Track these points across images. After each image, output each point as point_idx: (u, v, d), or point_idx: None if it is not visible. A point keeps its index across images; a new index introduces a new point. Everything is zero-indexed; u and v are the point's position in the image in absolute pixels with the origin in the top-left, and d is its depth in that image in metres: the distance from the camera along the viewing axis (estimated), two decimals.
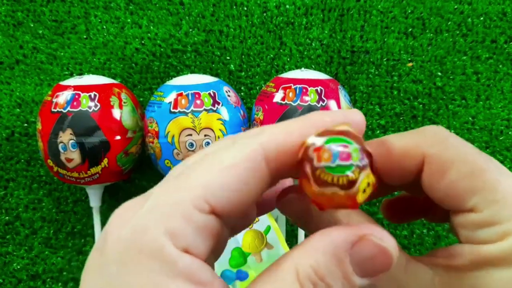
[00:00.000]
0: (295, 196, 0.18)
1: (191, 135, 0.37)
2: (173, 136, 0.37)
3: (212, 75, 0.42)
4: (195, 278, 0.14)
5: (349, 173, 0.14)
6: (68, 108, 0.37)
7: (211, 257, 0.16)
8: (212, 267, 0.15)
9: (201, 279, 0.14)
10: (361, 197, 0.14)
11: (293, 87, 0.38)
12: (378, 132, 0.44)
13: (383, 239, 0.14)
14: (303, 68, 0.42)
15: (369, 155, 0.14)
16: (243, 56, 0.46)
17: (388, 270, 0.14)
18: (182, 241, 0.14)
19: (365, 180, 0.14)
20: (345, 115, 0.16)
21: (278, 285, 0.14)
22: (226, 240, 0.16)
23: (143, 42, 0.46)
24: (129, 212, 0.14)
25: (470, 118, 0.44)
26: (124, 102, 0.39)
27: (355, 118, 0.16)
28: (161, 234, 0.13)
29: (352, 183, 0.14)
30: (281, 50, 0.46)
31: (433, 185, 0.17)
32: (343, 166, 0.14)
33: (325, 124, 0.15)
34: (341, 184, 0.14)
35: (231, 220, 0.15)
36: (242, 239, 0.38)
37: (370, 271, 0.14)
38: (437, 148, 0.17)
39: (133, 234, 0.14)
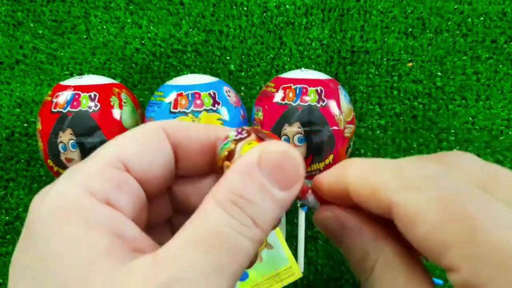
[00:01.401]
0: (330, 215, 0.18)
1: None
2: None
3: (212, 75, 0.42)
4: (116, 229, 0.14)
5: (225, 147, 0.17)
6: (68, 108, 0.37)
7: (139, 220, 0.16)
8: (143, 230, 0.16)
9: (122, 232, 0.14)
10: None
11: (293, 87, 0.38)
12: (378, 132, 0.45)
13: (285, 147, 0.15)
14: (303, 68, 0.42)
15: (248, 132, 0.17)
16: (243, 56, 0.46)
17: (300, 178, 0.15)
18: (102, 194, 0.14)
19: (246, 146, 0.16)
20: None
21: (201, 219, 0.14)
22: (146, 207, 0.17)
23: (143, 42, 0.46)
24: (48, 188, 0.15)
25: (470, 118, 0.44)
26: (124, 102, 0.39)
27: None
28: (81, 191, 0.14)
29: (231, 154, 0.17)
30: (281, 50, 0.46)
31: (407, 236, 0.14)
32: (223, 146, 0.17)
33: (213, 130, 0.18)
34: (223, 157, 0.17)
35: (147, 186, 0.17)
36: None
37: (284, 181, 0.15)
38: (404, 194, 0.14)
39: (54, 201, 0.14)
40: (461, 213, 0.13)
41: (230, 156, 0.17)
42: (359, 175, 0.16)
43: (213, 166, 0.19)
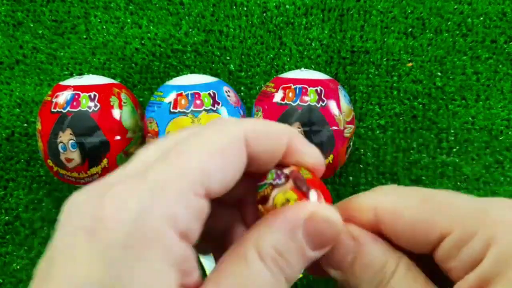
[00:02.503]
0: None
1: None
2: None
3: (212, 75, 0.42)
4: (185, 268, 0.14)
5: (261, 190, 0.17)
6: (68, 108, 0.37)
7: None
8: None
9: (186, 268, 0.14)
10: None
11: (293, 87, 0.38)
12: (378, 132, 0.45)
13: (331, 214, 0.16)
14: (303, 68, 0.42)
15: (287, 177, 0.17)
16: (243, 56, 0.46)
17: (335, 240, 0.16)
18: (182, 227, 0.14)
19: (281, 196, 0.16)
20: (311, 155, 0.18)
21: (243, 266, 0.14)
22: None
23: (143, 42, 0.46)
24: (125, 192, 0.14)
25: (470, 118, 0.44)
26: (124, 102, 0.39)
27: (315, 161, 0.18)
28: (163, 221, 0.13)
29: (265, 198, 0.17)
30: (281, 50, 0.46)
31: (395, 232, 0.17)
32: (260, 186, 0.17)
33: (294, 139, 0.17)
34: (258, 199, 0.17)
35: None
36: None
37: (321, 244, 0.16)
38: (386, 199, 0.17)
39: (136, 218, 0.13)
40: (433, 196, 0.16)
41: (263, 200, 0.17)
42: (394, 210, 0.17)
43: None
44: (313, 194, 0.16)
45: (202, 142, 0.15)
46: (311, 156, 0.18)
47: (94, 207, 0.14)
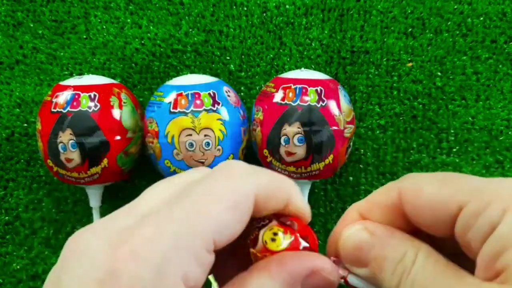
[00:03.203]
0: (359, 227, 0.19)
1: (191, 135, 0.37)
2: (172, 136, 0.37)
3: (212, 75, 0.42)
4: None
5: (250, 237, 0.18)
6: (68, 108, 0.37)
7: None
8: None
9: None
10: (274, 246, 0.17)
11: (293, 87, 0.38)
12: (378, 132, 0.45)
13: (332, 274, 0.17)
14: (303, 68, 0.42)
15: (269, 218, 0.18)
16: (243, 56, 0.46)
17: None
18: (192, 283, 0.14)
19: (268, 233, 0.17)
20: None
21: None
22: None
23: (143, 42, 0.46)
24: (141, 246, 0.14)
25: (470, 118, 0.44)
26: (124, 102, 0.39)
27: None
28: (179, 279, 0.14)
29: (254, 240, 0.18)
30: (281, 50, 0.46)
31: (415, 209, 0.17)
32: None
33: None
34: (249, 243, 0.18)
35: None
36: None
37: None
38: (409, 181, 0.18)
39: (153, 276, 0.13)
40: (453, 177, 0.17)
41: (253, 243, 0.18)
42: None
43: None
44: (295, 225, 0.18)
45: (215, 196, 0.15)
46: (304, 213, 0.19)
47: (108, 258, 0.14)
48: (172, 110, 0.37)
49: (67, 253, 0.14)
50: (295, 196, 0.18)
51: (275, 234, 0.17)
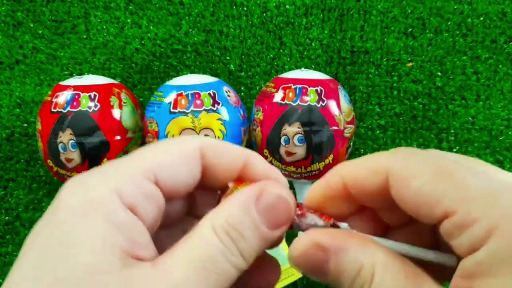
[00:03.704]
0: (308, 244, 0.18)
1: (191, 135, 0.37)
2: (173, 136, 0.37)
3: (212, 75, 0.42)
4: (132, 236, 0.15)
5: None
6: (68, 108, 0.37)
7: (154, 227, 0.17)
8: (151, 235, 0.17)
9: (136, 239, 0.15)
10: None
11: (293, 87, 0.38)
12: (378, 132, 0.44)
13: (282, 191, 0.17)
14: (303, 68, 0.42)
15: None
16: (243, 56, 0.46)
17: (289, 219, 0.17)
18: (129, 199, 0.15)
19: (233, 189, 0.18)
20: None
21: (197, 239, 0.16)
22: (162, 214, 0.18)
23: (143, 42, 0.46)
24: (81, 179, 0.16)
25: (470, 118, 0.44)
26: (124, 102, 0.39)
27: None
28: (109, 191, 0.15)
29: (225, 189, 0.18)
30: (281, 50, 0.46)
31: (402, 199, 0.16)
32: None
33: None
34: (220, 194, 0.19)
35: (169, 196, 0.17)
36: None
37: (275, 221, 0.17)
38: (401, 163, 0.17)
39: (84, 193, 0.15)
40: (445, 170, 0.15)
41: (223, 191, 0.19)
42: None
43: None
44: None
45: (160, 146, 0.18)
46: (270, 173, 0.19)
47: (58, 193, 0.16)
48: (172, 110, 0.37)
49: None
50: (255, 159, 0.19)
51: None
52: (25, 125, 0.46)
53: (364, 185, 0.17)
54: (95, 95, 0.38)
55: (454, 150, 0.44)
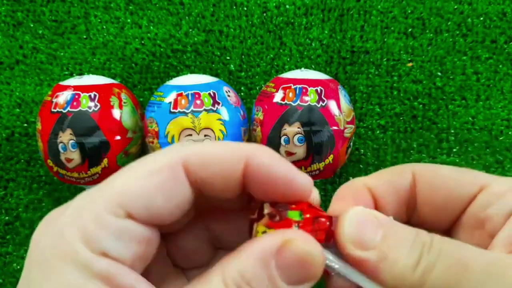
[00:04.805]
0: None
1: (191, 135, 0.37)
2: (173, 136, 0.37)
3: (212, 75, 0.42)
4: (114, 281, 0.14)
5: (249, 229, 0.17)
6: (68, 108, 0.37)
7: (141, 261, 0.15)
8: (141, 271, 0.15)
9: (120, 283, 0.14)
10: None
11: (293, 87, 0.38)
12: (378, 132, 0.44)
13: (310, 246, 0.14)
14: (303, 68, 0.42)
15: (263, 214, 0.16)
16: (243, 56, 0.46)
17: (315, 279, 0.15)
18: (97, 245, 0.14)
19: (260, 228, 0.16)
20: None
21: None
22: (154, 246, 0.16)
23: (143, 42, 0.46)
24: (53, 219, 0.15)
25: (470, 118, 0.44)
26: (124, 102, 0.39)
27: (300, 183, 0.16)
28: (76, 239, 0.14)
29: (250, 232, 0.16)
30: (281, 50, 0.46)
31: (430, 189, 0.17)
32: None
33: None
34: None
35: (162, 226, 0.15)
36: None
37: (296, 279, 0.14)
38: (421, 164, 0.18)
39: (51, 240, 0.14)
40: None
41: (250, 234, 0.16)
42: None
43: (244, 190, 0.17)
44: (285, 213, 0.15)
45: (130, 171, 0.15)
46: (283, 172, 0.15)
47: (33, 234, 0.16)
48: (172, 110, 0.37)
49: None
50: (255, 159, 0.15)
51: (265, 232, 0.16)
52: (25, 125, 0.46)
53: (389, 187, 0.17)
54: (95, 95, 0.38)
55: (454, 150, 0.44)
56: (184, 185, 0.15)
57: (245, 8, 0.46)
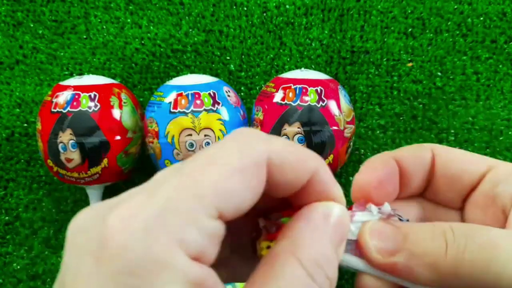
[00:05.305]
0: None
1: (191, 135, 0.37)
2: (173, 136, 0.37)
3: (212, 75, 0.42)
4: (204, 286, 0.13)
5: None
6: (68, 108, 0.37)
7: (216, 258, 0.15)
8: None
9: (209, 286, 0.13)
10: None
11: (293, 87, 0.38)
12: (378, 132, 0.44)
13: (343, 209, 0.16)
14: (303, 68, 0.42)
15: (261, 229, 0.17)
16: (243, 56, 0.46)
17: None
18: (194, 249, 0.13)
19: (263, 244, 0.17)
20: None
21: (288, 280, 0.14)
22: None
23: (143, 42, 0.46)
24: (130, 212, 0.13)
25: (470, 118, 0.44)
26: (124, 102, 0.39)
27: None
28: (173, 244, 0.13)
29: (254, 247, 0.17)
30: (281, 50, 0.46)
31: (447, 164, 0.19)
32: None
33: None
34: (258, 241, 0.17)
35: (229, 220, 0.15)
36: None
37: (341, 239, 0.16)
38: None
39: (143, 243, 0.12)
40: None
41: (254, 248, 0.17)
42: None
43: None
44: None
45: (220, 159, 0.14)
46: (335, 191, 0.16)
47: (99, 229, 0.13)
48: (172, 110, 0.37)
49: (68, 233, 0.14)
50: (322, 173, 0.16)
51: (269, 247, 0.16)
52: (25, 125, 0.46)
53: (415, 158, 0.20)
54: (95, 95, 0.38)
55: None
56: (263, 184, 0.15)
57: (245, 8, 0.46)
